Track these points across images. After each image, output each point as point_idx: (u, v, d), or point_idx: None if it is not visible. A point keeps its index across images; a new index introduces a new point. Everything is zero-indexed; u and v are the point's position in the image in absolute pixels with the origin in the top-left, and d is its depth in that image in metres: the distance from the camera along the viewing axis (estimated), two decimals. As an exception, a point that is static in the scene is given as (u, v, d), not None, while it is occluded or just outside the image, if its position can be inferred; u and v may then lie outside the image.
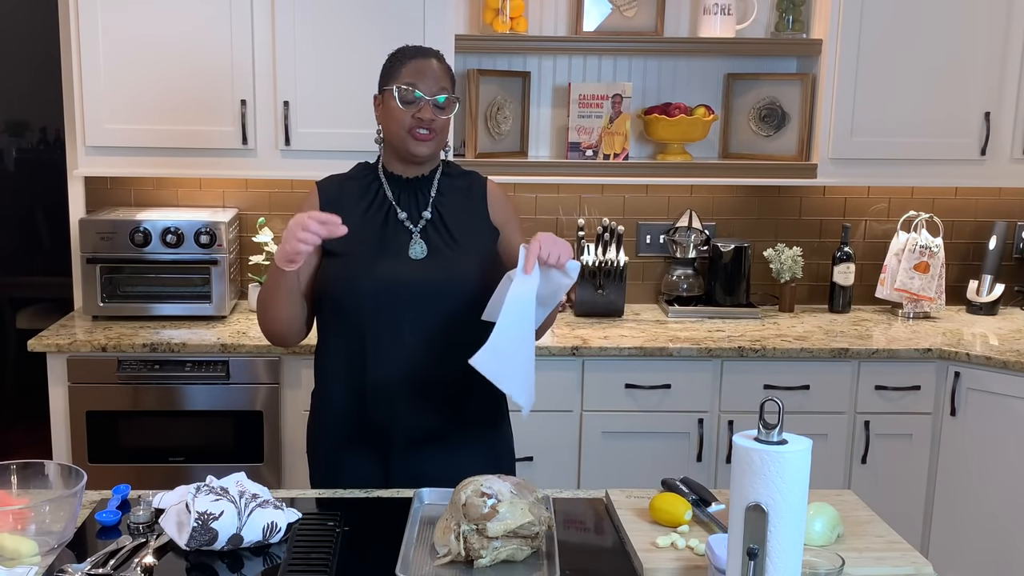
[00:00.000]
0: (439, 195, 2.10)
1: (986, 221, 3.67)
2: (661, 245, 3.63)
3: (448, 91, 2.05)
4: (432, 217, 2.07)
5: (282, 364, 3.04)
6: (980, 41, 3.25)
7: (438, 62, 2.06)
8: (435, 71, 2.04)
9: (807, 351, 3.08)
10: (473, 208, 2.12)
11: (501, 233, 2.12)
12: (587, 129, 3.36)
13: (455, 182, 2.13)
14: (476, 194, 2.14)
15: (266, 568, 1.59)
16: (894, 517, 2.82)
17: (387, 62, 2.09)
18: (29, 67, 4.99)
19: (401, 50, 2.09)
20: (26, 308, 4.98)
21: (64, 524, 1.60)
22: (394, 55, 2.09)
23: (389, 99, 2.04)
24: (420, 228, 2.05)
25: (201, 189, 3.53)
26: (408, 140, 2.03)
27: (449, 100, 2.04)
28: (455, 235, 2.06)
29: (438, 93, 2.02)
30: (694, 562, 1.61)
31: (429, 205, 2.08)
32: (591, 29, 3.40)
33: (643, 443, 3.10)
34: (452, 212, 2.09)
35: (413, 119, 2.01)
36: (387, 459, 2.04)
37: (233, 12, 3.09)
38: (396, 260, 2.02)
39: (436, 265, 2.02)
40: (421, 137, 2.02)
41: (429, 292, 1.99)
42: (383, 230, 2.05)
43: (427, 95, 2.01)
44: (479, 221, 2.11)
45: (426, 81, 2.02)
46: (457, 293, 2.00)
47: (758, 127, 3.50)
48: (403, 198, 2.08)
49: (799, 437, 1.35)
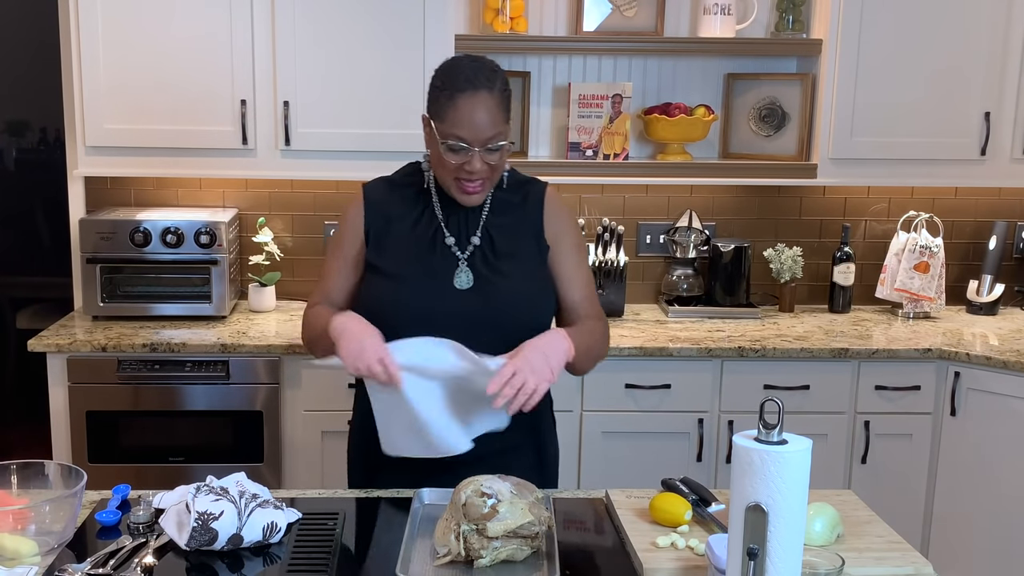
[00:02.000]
0: (491, 215, 1.99)
1: (986, 221, 3.67)
2: (661, 245, 3.63)
3: (502, 134, 1.87)
4: (481, 243, 1.96)
5: (282, 364, 3.04)
6: (980, 41, 3.25)
7: (490, 94, 1.85)
8: (486, 113, 1.84)
9: (807, 351, 3.08)
10: (526, 224, 2.00)
11: (552, 248, 2.01)
12: (587, 129, 3.36)
13: (511, 197, 2.01)
14: (532, 207, 2.01)
15: (266, 568, 1.59)
16: (894, 517, 2.82)
17: (434, 85, 1.90)
18: (29, 67, 4.98)
19: (450, 76, 1.87)
20: (26, 308, 4.98)
21: (64, 524, 1.60)
22: (443, 81, 1.88)
23: (433, 138, 1.89)
24: (467, 255, 1.96)
25: (201, 189, 3.53)
26: (454, 189, 1.92)
27: (503, 149, 1.88)
28: (503, 263, 1.96)
29: (490, 140, 1.85)
30: (694, 562, 1.61)
31: (479, 229, 1.97)
32: (591, 29, 3.40)
33: (643, 443, 3.10)
34: (503, 234, 1.98)
35: (460, 169, 1.87)
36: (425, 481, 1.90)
37: (233, 12, 3.09)
38: (441, 289, 1.93)
39: (480, 297, 1.93)
40: (469, 189, 1.90)
41: (471, 324, 1.90)
42: (430, 254, 1.95)
43: (476, 146, 1.85)
44: (531, 240, 2.00)
45: (475, 128, 1.84)
46: (499, 325, 1.92)
47: (758, 127, 3.50)
48: (452, 220, 1.97)
49: (799, 437, 1.35)
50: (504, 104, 1.88)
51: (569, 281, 2.03)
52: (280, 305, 3.49)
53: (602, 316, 2.07)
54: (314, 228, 3.57)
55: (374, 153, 3.18)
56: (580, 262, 2.06)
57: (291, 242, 3.58)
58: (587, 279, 2.07)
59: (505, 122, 1.89)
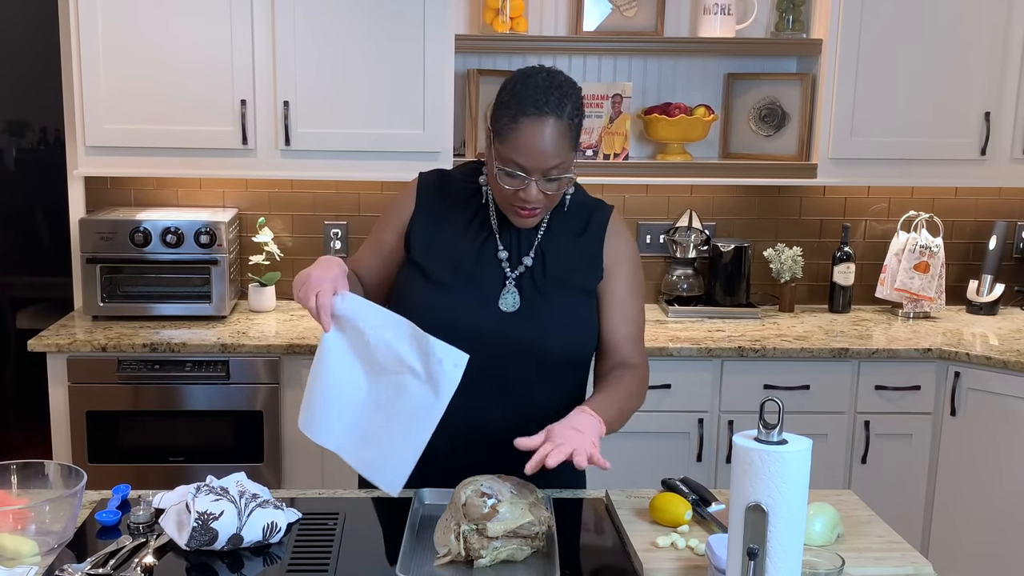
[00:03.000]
0: (547, 233, 1.88)
1: (986, 221, 3.67)
2: (661, 245, 3.63)
3: (565, 164, 1.74)
4: (533, 264, 1.86)
5: (282, 364, 3.04)
6: (980, 41, 3.25)
7: (557, 121, 1.70)
8: (551, 142, 1.70)
9: (807, 351, 3.08)
10: (585, 250, 1.89)
11: (606, 275, 1.89)
12: (587, 129, 3.36)
13: (572, 219, 1.89)
14: (593, 231, 1.90)
15: (266, 568, 1.59)
16: (894, 517, 2.82)
17: (500, 99, 1.75)
18: (29, 67, 4.99)
19: (518, 94, 1.73)
20: (26, 308, 4.98)
21: (64, 524, 1.60)
22: (510, 97, 1.73)
23: (491, 159, 1.77)
24: (517, 275, 1.85)
25: (201, 189, 3.53)
26: (510, 212, 1.81)
27: (561, 181, 1.75)
28: (552, 289, 1.85)
29: (550, 171, 1.73)
30: (694, 562, 1.61)
31: (533, 249, 1.86)
32: (591, 29, 3.40)
33: (643, 443, 3.10)
34: (558, 257, 1.87)
35: (515, 195, 1.76)
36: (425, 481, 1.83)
37: (233, 12, 3.09)
38: (484, 307, 1.83)
39: (524, 322, 1.83)
40: (524, 215, 1.79)
41: (510, 349, 1.82)
42: (478, 265, 1.85)
43: (534, 175, 1.73)
44: (587, 267, 1.89)
45: (536, 157, 1.71)
46: (538, 354, 1.83)
47: (758, 127, 3.50)
48: (505, 233, 1.87)
49: (799, 437, 1.35)
50: (572, 132, 1.74)
51: (619, 312, 1.90)
52: (280, 305, 3.49)
53: (644, 362, 1.93)
54: (314, 228, 3.57)
55: (374, 153, 3.18)
56: (633, 293, 1.92)
57: (291, 242, 3.58)
58: (637, 315, 1.93)
59: (571, 151, 1.75)
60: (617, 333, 1.91)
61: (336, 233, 3.56)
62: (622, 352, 1.91)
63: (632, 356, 1.91)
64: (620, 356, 1.91)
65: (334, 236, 3.56)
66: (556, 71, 1.77)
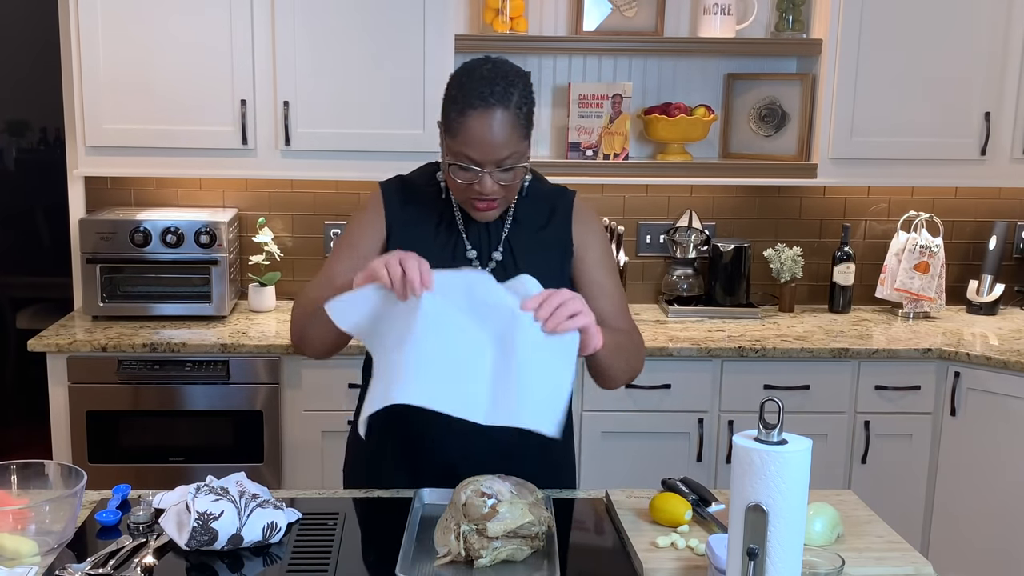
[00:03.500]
0: (514, 224, 1.87)
1: (986, 221, 3.67)
2: (661, 245, 3.63)
3: (518, 154, 1.72)
4: (503, 259, 1.85)
5: (282, 364, 3.04)
6: (980, 41, 3.25)
7: (505, 111, 1.69)
8: (500, 132, 1.68)
9: (807, 351, 3.08)
10: (553, 237, 1.89)
11: (578, 256, 1.89)
12: (587, 129, 3.36)
13: (536, 208, 1.88)
14: (560, 218, 1.90)
15: (266, 568, 1.59)
16: (894, 517, 2.83)
17: (448, 94, 1.74)
18: (29, 67, 4.99)
19: (463, 88, 1.71)
20: (26, 308, 4.98)
21: (64, 524, 1.60)
22: (456, 91, 1.71)
23: (444, 155, 1.77)
24: (488, 271, 1.77)
25: (201, 189, 3.53)
26: (468, 206, 1.80)
27: (516, 171, 1.74)
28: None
29: (502, 161, 1.71)
30: (694, 562, 1.61)
31: (501, 243, 1.86)
32: (591, 29, 3.40)
33: (643, 443, 3.10)
34: (527, 248, 1.86)
35: (470, 188, 1.75)
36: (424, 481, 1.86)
37: (233, 12, 3.09)
38: None
39: None
40: (481, 207, 1.77)
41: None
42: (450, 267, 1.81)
43: (487, 167, 1.71)
44: (557, 253, 1.88)
45: (486, 149, 1.69)
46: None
47: (758, 127, 3.50)
48: (472, 231, 1.86)
49: (799, 437, 1.35)
50: (521, 121, 1.71)
51: (600, 290, 1.89)
52: (280, 305, 3.49)
53: (633, 327, 1.93)
54: (314, 228, 3.57)
55: (374, 153, 3.18)
56: (609, 272, 1.93)
57: (291, 242, 3.58)
58: (617, 291, 1.93)
59: (522, 139, 1.72)
60: (600, 311, 1.85)
61: (336, 233, 3.56)
62: (611, 324, 1.85)
63: (624, 325, 1.89)
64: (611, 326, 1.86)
65: (334, 236, 3.56)
66: (502, 61, 1.75)
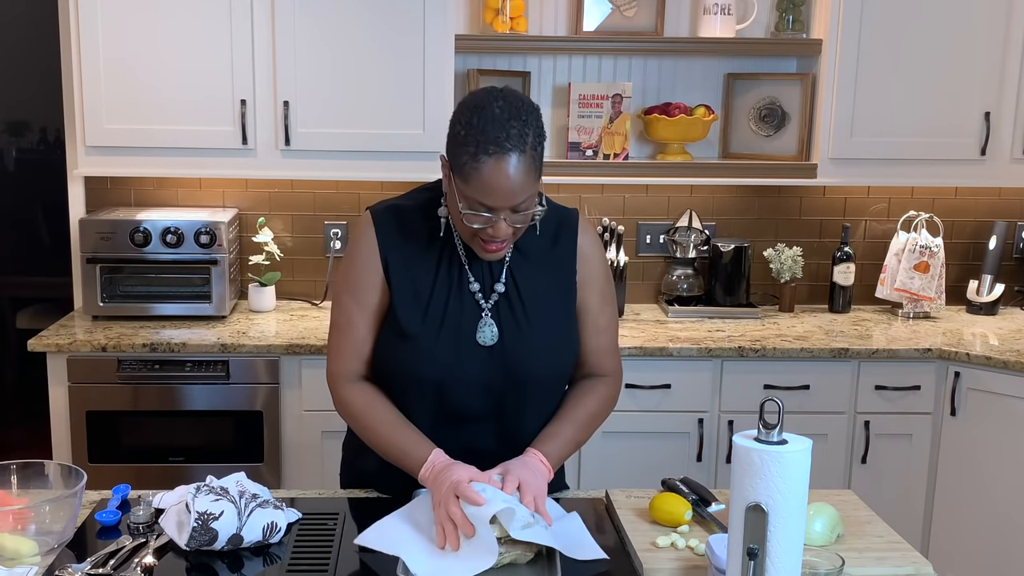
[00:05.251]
0: (516, 255, 1.79)
1: (986, 221, 3.67)
2: (661, 245, 3.63)
3: (532, 197, 1.65)
4: (506, 289, 1.78)
5: (282, 364, 3.04)
6: (980, 41, 3.25)
7: (521, 156, 1.60)
8: (516, 179, 1.60)
9: (807, 351, 3.08)
10: (556, 260, 1.82)
11: (580, 281, 1.84)
12: (587, 129, 3.36)
13: (539, 232, 1.79)
14: (565, 240, 1.83)
15: (266, 568, 1.59)
16: (894, 517, 2.83)
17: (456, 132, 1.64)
18: (30, 67, 4.99)
19: (476, 129, 1.60)
20: (26, 308, 4.98)
21: (64, 524, 1.60)
22: (467, 132, 1.61)
23: (452, 190, 1.67)
24: (491, 305, 1.78)
25: (201, 189, 3.53)
26: (476, 246, 1.72)
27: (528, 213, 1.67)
28: (530, 309, 1.78)
29: (518, 206, 1.64)
30: (694, 562, 1.61)
31: (503, 273, 1.79)
32: (591, 29, 3.40)
33: (643, 443, 3.10)
34: (530, 274, 1.80)
35: (482, 231, 1.67)
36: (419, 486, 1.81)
37: (233, 12, 3.09)
38: (464, 346, 1.76)
39: (506, 352, 1.76)
40: (491, 249, 1.70)
41: (494, 382, 1.77)
42: (454, 303, 1.77)
43: (502, 213, 1.64)
44: (561, 275, 1.82)
45: (503, 196, 1.61)
46: (527, 379, 1.78)
47: (758, 127, 3.50)
48: (476, 262, 1.78)
49: (799, 437, 1.35)
50: (536, 162, 1.63)
51: (592, 323, 1.87)
52: (280, 305, 3.49)
53: (616, 372, 1.92)
54: (314, 228, 3.57)
55: (374, 153, 3.18)
56: (607, 302, 1.89)
57: (291, 242, 3.58)
58: (609, 324, 1.90)
59: (536, 180, 1.64)
60: (589, 345, 1.87)
61: (336, 233, 3.56)
62: (593, 363, 1.89)
63: (603, 367, 1.90)
64: (591, 367, 1.90)
65: (334, 236, 3.56)
66: (511, 93, 1.66)
